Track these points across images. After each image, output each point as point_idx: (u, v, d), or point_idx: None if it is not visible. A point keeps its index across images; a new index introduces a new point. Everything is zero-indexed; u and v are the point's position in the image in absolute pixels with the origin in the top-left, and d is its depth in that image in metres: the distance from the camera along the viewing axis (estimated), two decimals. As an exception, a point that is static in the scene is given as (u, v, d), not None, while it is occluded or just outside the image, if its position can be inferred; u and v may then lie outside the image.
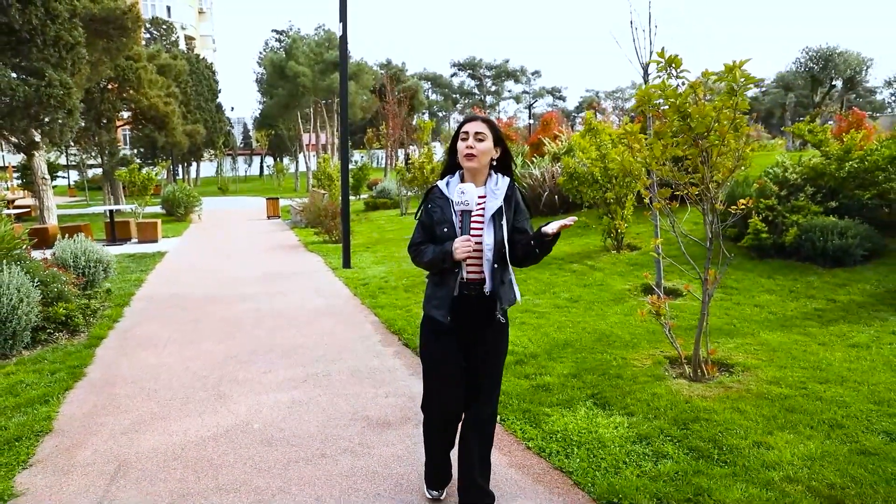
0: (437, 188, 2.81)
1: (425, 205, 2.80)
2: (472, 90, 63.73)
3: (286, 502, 3.16)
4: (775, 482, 3.14)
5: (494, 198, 2.72)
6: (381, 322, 6.67)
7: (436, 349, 2.84)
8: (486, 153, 2.71)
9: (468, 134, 2.70)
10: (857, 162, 8.49)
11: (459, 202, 2.60)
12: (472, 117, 2.79)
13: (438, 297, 2.74)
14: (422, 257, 2.72)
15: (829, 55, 34.75)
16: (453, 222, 2.68)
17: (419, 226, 2.81)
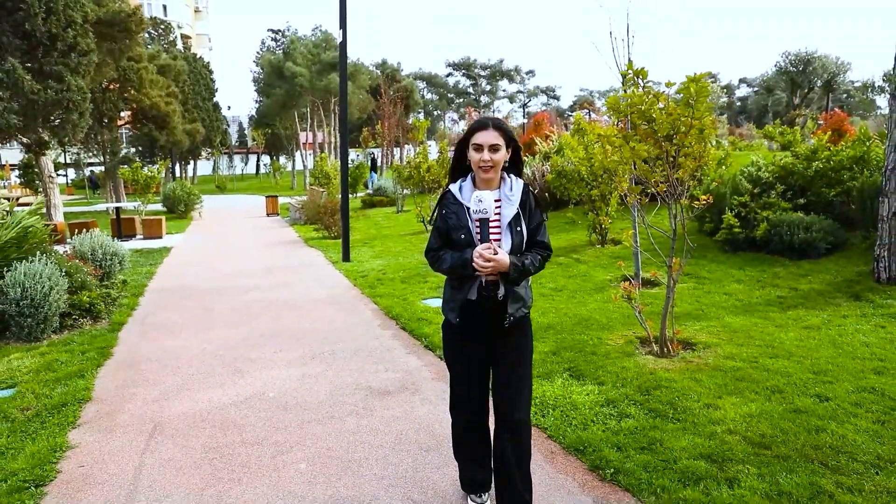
0: (450, 193, 2.75)
1: (439, 210, 2.77)
2: (467, 90, 64.39)
3: (302, 452, 3.73)
4: (717, 433, 3.72)
5: (510, 204, 2.69)
6: (380, 309, 7.23)
7: (454, 350, 2.90)
8: (501, 161, 2.67)
9: (481, 147, 2.63)
10: (823, 162, 9.10)
11: (477, 210, 2.58)
12: (484, 124, 2.68)
13: (455, 301, 2.76)
14: (441, 264, 2.72)
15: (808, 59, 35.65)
16: (470, 229, 2.65)
17: (435, 231, 2.78)
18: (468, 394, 2.92)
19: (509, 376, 2.83)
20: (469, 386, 2.90)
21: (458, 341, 2.87)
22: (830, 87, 36.90)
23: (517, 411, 2.81)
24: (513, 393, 2.82)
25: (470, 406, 2.94)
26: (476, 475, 3.04)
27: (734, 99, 63.52)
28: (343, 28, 9.87)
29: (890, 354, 4.96)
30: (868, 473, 3.19)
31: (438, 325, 6.22)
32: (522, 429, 2.84)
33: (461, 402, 2.95)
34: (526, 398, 2.85)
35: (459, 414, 2.99)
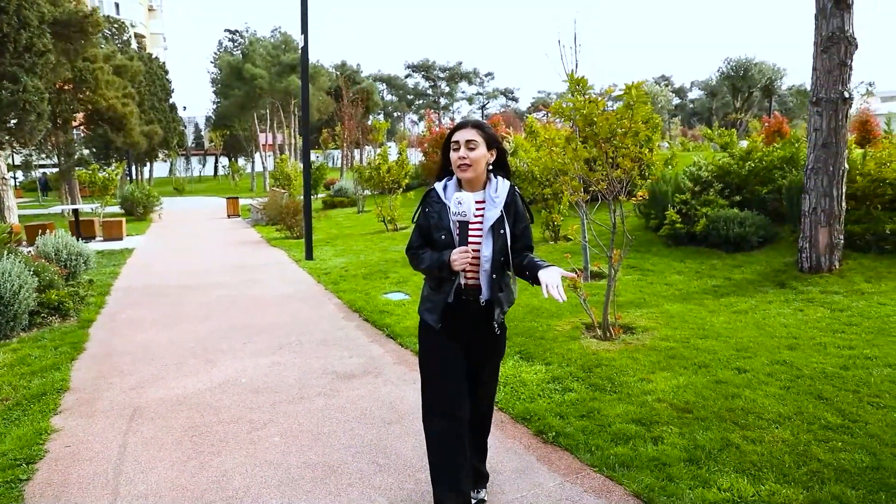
0: (434, 192, 2.73)
1: (422, 208, 2.74)
2: (427, 91, 64.93)
3: (275, 428, 4.07)
4: (648, 402, 4.21)
5: (494, 206, 2.64)
6: (344, 303, 7.57)
7: (433, 353, 2.78)
8: (480, 160, 2.63)
9: (459, 143, 2.63)
10: (756, 162, 9.80)
11: (456, 212, 2.55)
12: (462, 124, 2.70)
13: (433, 301, 2.70)
14: (420, 263, 2.70)
15: (747, 65, 37.55)
16: (451, 230, 2.62)
17: (417, 229, 2.75)
18: (445, 399, 2.74)
19: (486, 374, 2.87)
20: (448, 391, 2.73)
21: (435, 344, 2.75)
22: (769, 91, 38.83)
23: (485, 404, 2.98)
24: (488, 389, 2.93)
25: (447, 412, 2.73)
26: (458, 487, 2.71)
27: (687, 101, 65.51)
28: (304, 33, 10.17)
29: (803, 333, 5.55)
30: (769, 428, 3.71)
31: (399, 317, 6.64)
32: (489, 415, 3.04)
33: (437, 408, 2.76)
34: (493, 393, 3.03)
35: (437, 423, 2.75)
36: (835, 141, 7.27)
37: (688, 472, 3.25)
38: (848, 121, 7.57)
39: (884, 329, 5.56)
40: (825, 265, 7.41)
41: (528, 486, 3.26)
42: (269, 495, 3.24)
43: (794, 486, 3.08)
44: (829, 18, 7.00)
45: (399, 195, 13.93)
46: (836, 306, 6.34)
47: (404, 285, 8.30)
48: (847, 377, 4.46)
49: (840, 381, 4.38)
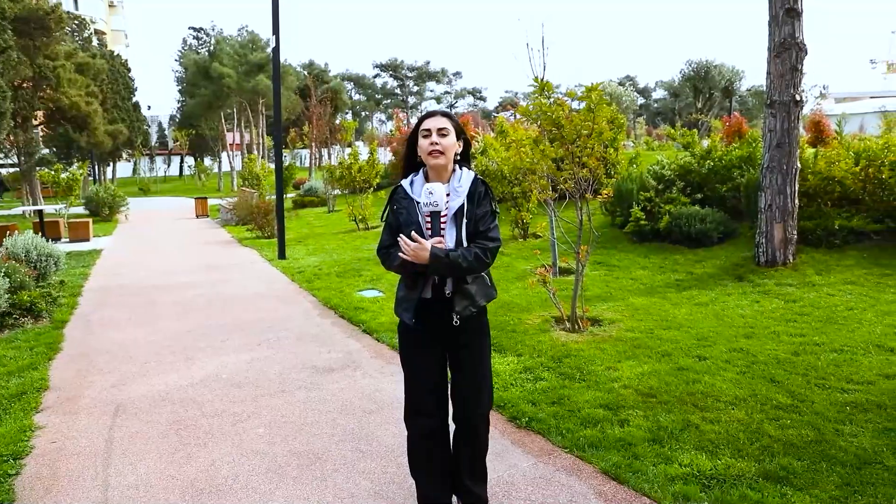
0: (401, 188, 2.69)
1: (390, 206, 2.70)
2: (395, 91, 64.94)
3: (259, 420, 4.21)
4: (615, 388, 4.45)
5: (457, 196, 2.61)
6: (319, 300, 7.70)
7: (410, 353, 2.78)
8: (451, 148, 2.61)
9: (430, 131, 2.60)
10: (716, 161, 10.20)
11: (427, 203, 2.54)
12: (431, 113, 2.69)
13: (409, 300, 2.66)
14: (391, 261, 2.64)
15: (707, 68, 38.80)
16: (420, 224, 2.58)
17: (386, 227, 2.72)
18: (424, 399, 2.75)
19: (469, 376, 2.76)
20: (425, 391, 2.74)
21: (413, 343, 2.75)
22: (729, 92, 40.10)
23: (478, 406, 2.80)
24: (473, 391, 2.77)
25: (426, 412, 2.76)
26: (436, 495, 2.82)
27: (651, 101, 66.77)
28: (276, 34, 10.23)
29: (759, 323, 5.89)
30: (726, 409, 3.99)
31: (375, 313, 6.80)
32: (480, 426, 2.84)
33: (417, 408, 2.78)
34: (486, 396, 2.82)
35: (415, 422, 2.80)
36: (788, 141, 7.66)
37: (652, 451, 3.50)
38: (800, 122, 7.97)
39: (832, 318, 5.92)
40: (780, 259, 7.80)
41: (504, 467, 3.47)
42: (258, 482, 3.39)
43: (748, 459, 3.35)
44: (781, 26, 7.38)
45: (370, 194, 14.05)
46: (790, 298, 6.71)
47: (378, 283, 8.45)
48: (797, 362, 4.78)
49: (791, 366, 4.70)
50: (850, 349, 5.03)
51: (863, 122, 30.31)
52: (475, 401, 2.79)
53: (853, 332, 5.46)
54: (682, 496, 3.04)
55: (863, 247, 8.09)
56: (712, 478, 3.20)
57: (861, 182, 8.37)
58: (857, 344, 5.15)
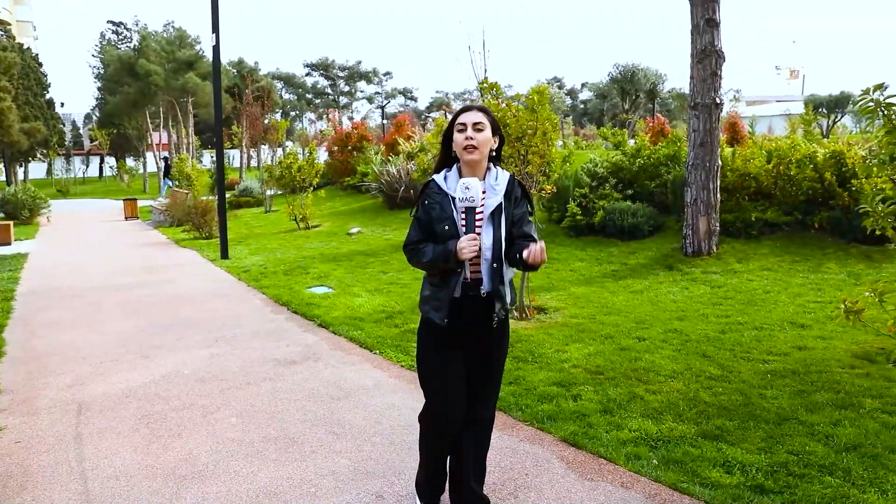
0: (433, 183, 2.62)
1: (422, 201, 2.62)
2: (326, 90, 64.27)
3: (229, 410, 4.33)
4: (565, 368, 4.82)
5: (494, 194, 2.56)
6: (269, 298, 7.77)
7: (436, 355, 2.66)
8: (486, 143, 2.55)
9: (465, 125, 2.53)
10: (645, 159, 10.84)
11: (464, 198, 2.45)
12: (468, 107, 2.62)
13: (438, 299, 2.57)
14: (420, 257, 2.56)
15: (634, 71, 40.79)
16: (455, 219, 2.52)
17: (416, 223, 2.63)
18: (454, 401, 2.66)
19: (488, 378, 2.74)
20: (454, 392, 2.66)
21: (440, 344, 2.64)
22: (653, 94, 42.22)
23: (488, 409, 2.81)
24: (488, 393, 2.77)
25: (455, 414, 2.68)
26: (442, 480, 2.93)
27: (578, 102, 68.83)
28: (216, 32, 10.16)
29: (689, 307, 6.42)
30: (666, 382, 4.42)
31: (327, 308, 6.95)
32: (488, 426, 2.86)
33: (441, 414, 2.70)
34: (496, 397, 2.86)
35: (438, 425, 2.73)
36: (710, 140, 8.30)
37: (604, 420, 3.86)
38: (720, 123, 8.64)
39: (752, 300, 6.52)
40: (705, 249, 8.44)
41: (471, 441, 3.74)
42: (239, 466, 3.53)
43: (687, 422, 3.77)
44: (702, 34, 8.00)
45: (310, 194, 14.06)
46: (715, 284, 7.31)
47: (326, 279, 8.58)
48: (724, 339, 5.30)
49: (719, 343, 5.20)
50: (769, 327, 5.60)
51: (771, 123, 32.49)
52: (489, 402, 2.80)
53: (770, 312, 6.06)
54: (634, 456, 3.40)
55: (776, 237, 8.85)
56: (658, 439, 3.58)
57: (773, 178, 9.14)
58: (774, 322, 5.73)
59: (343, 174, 19.67)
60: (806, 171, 8.80)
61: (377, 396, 4.48)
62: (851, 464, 3.19)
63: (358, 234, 12.65)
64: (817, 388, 4.19)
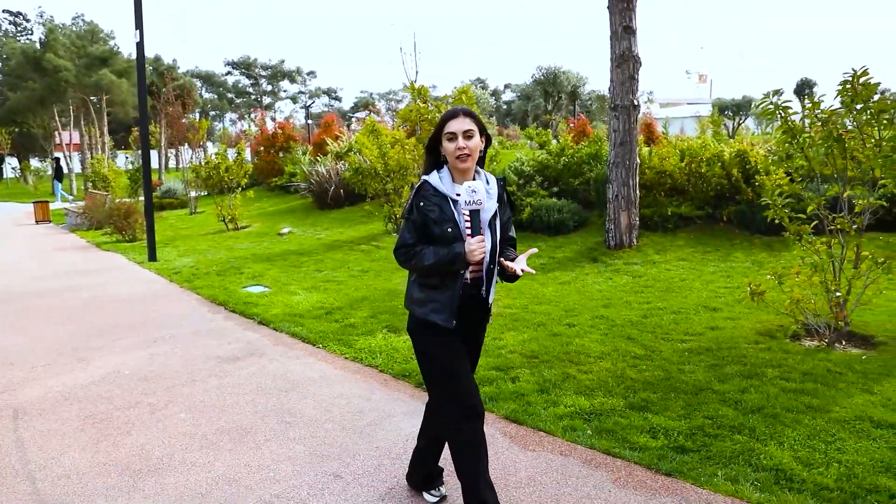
0: (429, 184, 2.58)
1: (416, 202, 2.57)
2: (248, 89, 62.67)
3: (178, 406, 4.37)
4: (503, 354, 5.11)
5: (490, 199, 2.56)
6: (205, 298, 7.71)
7: (446, 355, 2.65)
8: (477, 149, 2.56)
9: (455, 134, 2.52)
10: (569, 158, 11.37)
11: (471, 201, 2.44)
12: (454, 113, 2.59)
13: (440, 301, 2.57)
14: (421, 260, 2.52)
15: (556, 73, 42.29)
16: (457, 221, 2.51)
17: (410, 225, 2.58)
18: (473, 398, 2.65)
19: (474, 363, 2.84)
20: (471, 389, 2.67)
21: (444, 345, 2.64)
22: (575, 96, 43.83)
23: None
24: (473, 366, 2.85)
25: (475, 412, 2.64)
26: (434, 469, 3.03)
27: (501, 103, 70.19)
28: (139, 28, 9.91)
29: (614, 295, 6.87)
30: (596, 363, 4.78)
31: (265, 306, 7.00)
32: None
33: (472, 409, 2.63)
34: None
35: (470, 424, 2.63)
36: (629, 140, 8.85)
37: (541, 398, 4.17)
38: (637, 124, 9.22)
39: (670, 288, 7.05)
40: (626, 242, 8.98)
41: (418, 422, 3.88)
42: (195, 457, 3.61)
43: (616, 397, 4.13)
44: (620, 40, 8.53)
45: (238, 194, 13.86)
46: (636, 274, 7.83)
47: (261, 279, 8.58)
48: (647, 323, 5.74)
49: (642, 326, 5.64)
50: (685, 311, 6.10)
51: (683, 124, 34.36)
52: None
53: (686, 298, 6.59)
54: (570, 428, 3.72)
55: (690, 230, 9.52)
56: (591, 413, 3.92)
57: (686, 176, 9.82)
58: (690, 306, 6.25)
59: (270, 175, 19.42)
60: (715, 168, 9.52)
61: (325, 387, 4.63)
62: (756, 423, 3.63)
63: (289, 234, 12.60)
64: (727, 361, 4.66)
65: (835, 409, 3.79)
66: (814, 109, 4.84)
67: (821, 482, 3.01)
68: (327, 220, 13.66)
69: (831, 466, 3.14)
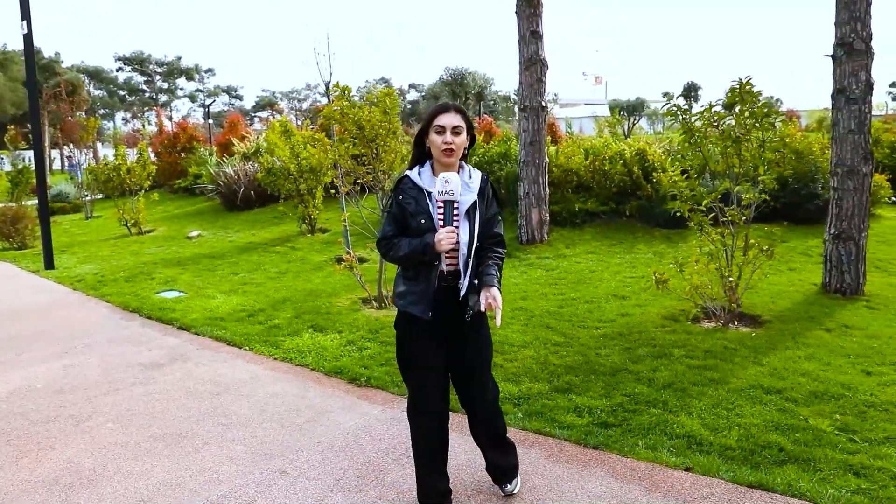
0: (408, 178, 2.68)
1: (396, 196, 2.68)
2: (141, 86, 59.24)
3: (103, 417, 4.23)
4: (430, 348, 5.29)
5: (469, 191, 2.63)
6: (116, 306, 7.38)
7: (414, 347, 2.73)
8: (462, 146, 2.64)
9: (444, 128, 2.59)
10: (479, 157, 11.71)
11: (443, 191, 2.52)
12: (445, 108, 2.66)
13: (416, 293, 2.65)
14: (396, 251, 2.62)
15: (463, 74, 43.18)
16: (431, 213, 2.60)
17: (390, 218, 2.69)
18: (436, 393, 2.78)
19: (474, 363, 2.81)
20: (436, 384, 2.77)
21: (420, 336, 2.71)
22: (481, 97, 44.85)
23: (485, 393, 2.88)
24: (480, 378, 2.84)
25: (439, 407, 2.80)
26: (437, 484, 2.88)
27: (405, 102, 70.35)
28: (26, 19, 9.30)
29: (530, 288, 7.22)
30: (520, 351, 5.06)
31: (183, 311, 6.84)
32: (491, 412, 2.94)
33: (423, 406, 2.79)
34: (490, 383, 2.91)
35: (421, 419, 2.81)
36: (538, 140, 9.27)
37: (471, 387, 4.38)
38: (545, 124, 9.67)
39: (581, 280, 7.49)
40: (538, 238, 9.40)
41: (356, 416, 4.08)
42: (130, 466, 3.54)
43: (542, 381, 4.41)
44: (528, 44, 8.92)
45: (142, 197, 13.24)
46: (549, 267, 8.24)
47: (175, 284, 8.31)
48: (563, 312, 6.10)
49: (559, 316, 5.99)
50: (597, 300, 6.52)
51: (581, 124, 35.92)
52: (481, 389, 2.86)
53: (597, 288, 7.03)
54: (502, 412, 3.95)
55: (596, 224, 10.09)
56: (520, 397, 4.18)
57: (591, 173, 10.39)
58: (601, 296, 6.68)
59: (172, 176, 18.64)
60: (617, 166, 10.13)
61: (257, 388, 4.63)
62: (668, 397, 4.01)
63: (199, 237, 12.21)
64: (639, 344, 5.07)
65: (733, 380, 4.24)
66: (709, 112, 5.33)
67: (725, 444, 3.40)
68: (238, 223, 13.34)
69: (733, 430, 3.55)
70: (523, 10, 8.86)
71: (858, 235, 6.35)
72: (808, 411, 3.77)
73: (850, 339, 5.07)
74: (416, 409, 2.81)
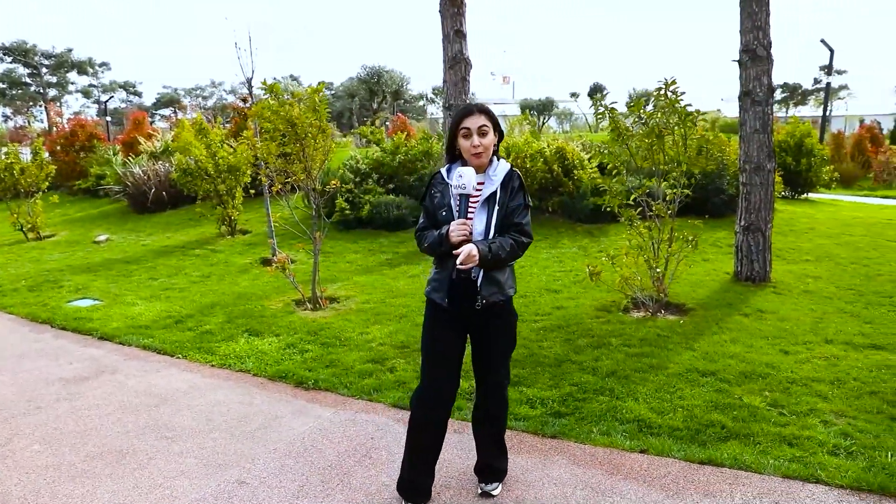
0: (439, 174, 2.87)
1: (428, 190, 2.86)
2: (25, 79, 54.65)
3: (27, 439, 3.92)
4: (374, 347, 5.25)
5: (491, 183, 2.75)
6: (22, 317, 6.84)
7: (435, 333, 2.85)
8: (491, 145, 2.74)
9: (471, 130, 2.70)
10: (402, 155, 11.71)
11: (457, 186, 2.64)
12: (470, 110, 2.74)
13: (438, 280, 2.81)
14: (423, 242, 2.81)
15: (380, 72, 42.89)
16: (451, 206, 2.74)
17: (423, 211, 2.89)
18: (438, 388, 2.84)
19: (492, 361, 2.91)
20: (442, 379, 2.84)
21: (439, 323, 2.83)
22: (397, 95, 44.71)
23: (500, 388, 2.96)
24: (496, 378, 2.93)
25: (437, 402, 2.85)
26: (420, 480, 2.95)
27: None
28: None
29: (464, 284, 7.30)
30: (465, 346, 5.12)
31: (102, 320, 6.47)
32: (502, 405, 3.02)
33: (429, 398, 2.85)
34: (506, 380, 2.99)
35: (424, 410, 2.86)
36: (464, 137, 9.36)
37: (422, 384, 4.39)
38: (470, 122, 9.78)
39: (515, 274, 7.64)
40: (465, 234, 9.50)
41: (309, 420, 3.99)
42: (69, 489, 3.30)
43: (491, 375, 4.48)
44: (452, 44, 8.99)
45: (40, 199, 12.29)
46: (479, 263, 8.35)
47: (88, 291, 7.80)
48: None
49: (497, 311, 6.10)
50: (531, 294, 6.69)
51: (493, 122, 36.56)
52: (499, 386, 2.95)
53: (529, 283, 7.21)
54: (456, 408, 3.99)
55: (520, 220, 10.31)
56: (471, 393, 4.22)
57: (513, 170, 10.61)
58: (534, 290, 6.86)
59: (71, 177, 17.42)
60: (538, 164, 10.40)
61: (197, 397, 4.44)
62: (613, 385, 4.18)
63: (108, 241, 11.48)
64: (578, 335, 5.25)
65: (670, 365, 4.49)
66: (639, 109, 5.58)
67: (672, 425, 3.59)
68: (150, 225, 12.66)
69: (677, 412, 3.76)
70: (447, 10, 8.92)
71: (765, 227, 6.86)
72: (740, 390, 4.04)
73: (766, 322, 5.48)
74: (423, 400, 2.87)
